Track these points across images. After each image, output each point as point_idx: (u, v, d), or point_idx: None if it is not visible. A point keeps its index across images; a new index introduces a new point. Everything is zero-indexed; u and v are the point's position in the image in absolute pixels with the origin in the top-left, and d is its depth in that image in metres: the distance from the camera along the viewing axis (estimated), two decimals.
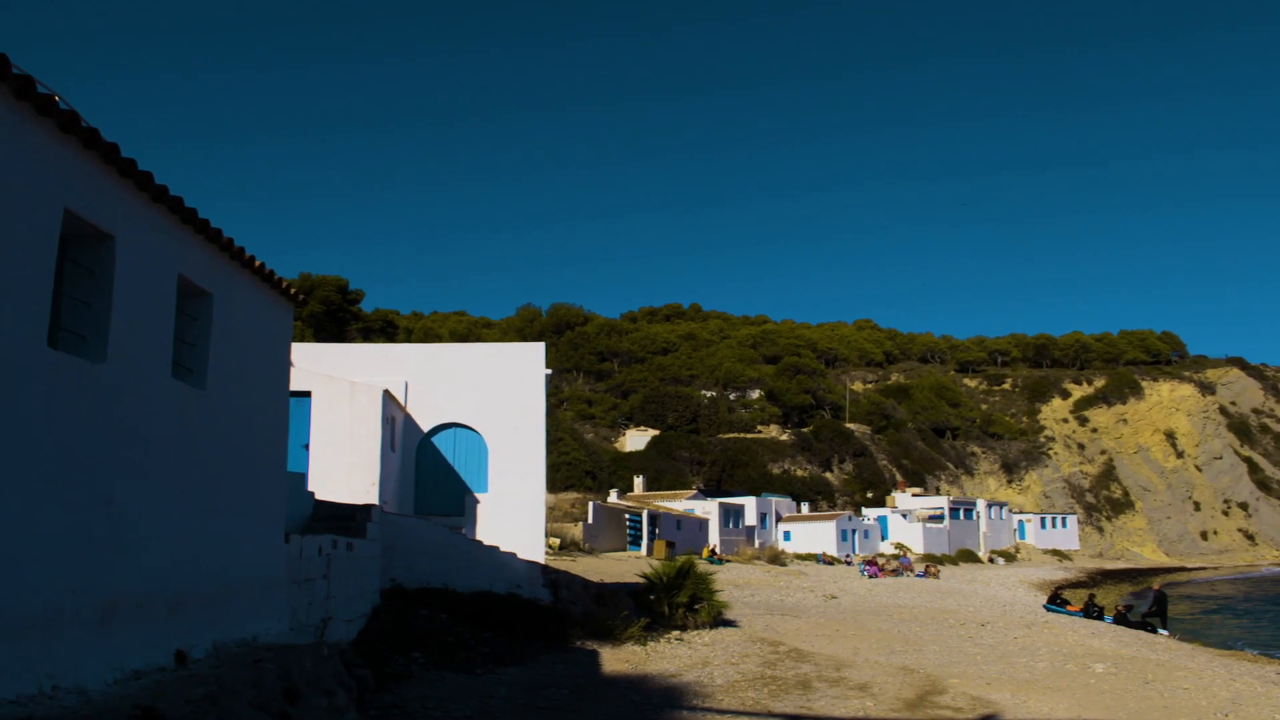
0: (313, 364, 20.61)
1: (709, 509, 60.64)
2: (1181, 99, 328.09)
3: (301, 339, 59.24)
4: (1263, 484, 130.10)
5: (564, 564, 32.64)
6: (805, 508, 76.60)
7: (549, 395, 25.44)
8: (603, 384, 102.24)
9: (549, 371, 22.64)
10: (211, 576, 8.92)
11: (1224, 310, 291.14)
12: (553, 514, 48.87)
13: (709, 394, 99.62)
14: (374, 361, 21.94)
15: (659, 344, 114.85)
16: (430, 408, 21.69)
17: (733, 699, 13.23)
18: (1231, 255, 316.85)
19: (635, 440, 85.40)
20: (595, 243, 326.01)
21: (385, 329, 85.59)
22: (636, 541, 51.79)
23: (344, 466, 18.57)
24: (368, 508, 15.46)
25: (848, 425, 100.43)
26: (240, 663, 8.24)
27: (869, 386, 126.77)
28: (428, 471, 21.54)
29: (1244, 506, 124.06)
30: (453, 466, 21.57)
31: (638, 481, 69.35)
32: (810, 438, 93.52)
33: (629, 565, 36.28)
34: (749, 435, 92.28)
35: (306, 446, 18.59)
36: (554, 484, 61.80)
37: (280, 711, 7.87)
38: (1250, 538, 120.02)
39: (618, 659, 15.90)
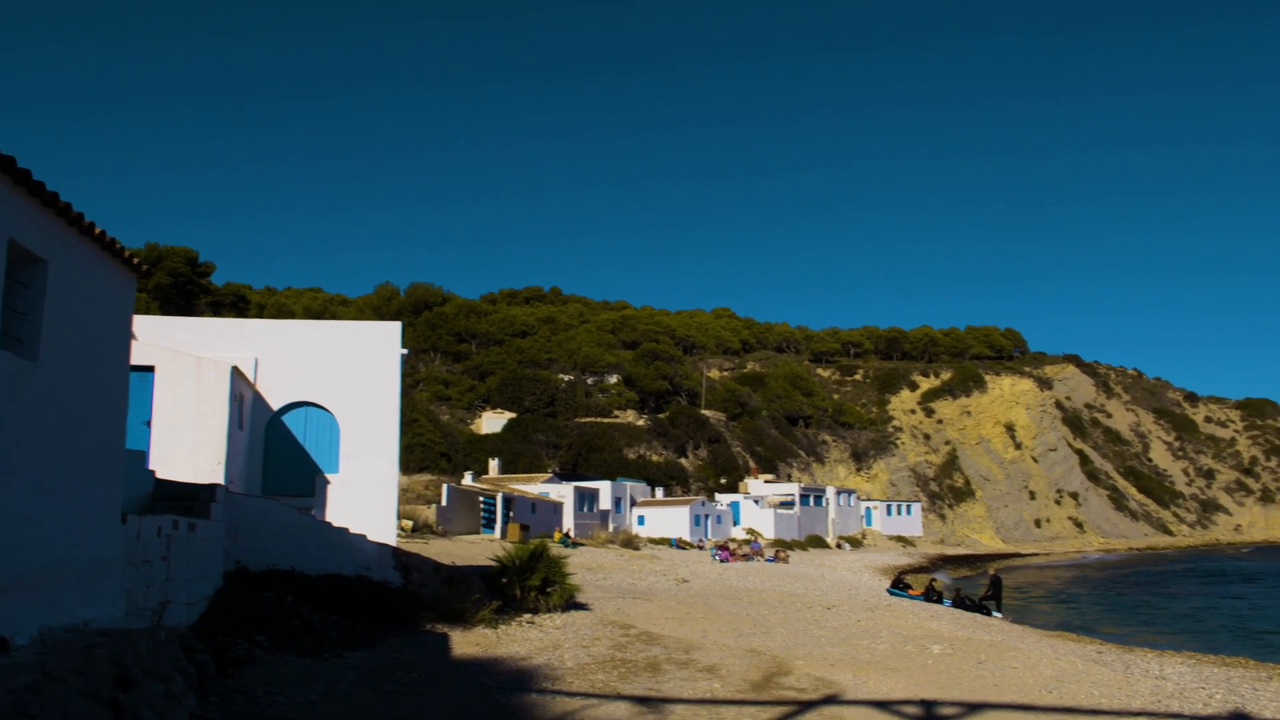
0: (157, 337, 19.81)
1: (564, 493, 60.71)
2: (1024, 99, 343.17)
3: (146, 312, 56.79)
4: (1092, 475, 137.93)
5: (416, 547, 32.27)
6: (660, 493, 77.46)
7: (405, 375, 25.08)
8: (460, 365, 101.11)
9: (405, 351, 22.31)
10: (39, 559, 8.54)
11: (1062, 310, 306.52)
12: (406, 496, 48.19)
13: (567, 378, 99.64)
14: (223, 336, 21.23)
15: (518, 326, 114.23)
16: (281, 386, 21.11)
17: (582, 681, 13.36)
18: (1071, 258, 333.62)
19: (492, 423, 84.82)
20: (457, 223, 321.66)
21: (236, 304, 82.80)
22: (491, 524, 51.51)
23: (188, 445, 17.94)
24: (212, 487, 15.00)
25: (704, 412, 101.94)
26: (69, 649, 7.92)
27: (725, 374, 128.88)
28: (277, 451, 20.98)
29: (1075, 496, 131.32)
30: (303, 446, 21.07)
31: (493, 464, 68.93)
32: (666, 424, 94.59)
33: (482, 548, 36.09)
34: (606, 420, 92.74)
35: (148, 423, 17.89)
36: (408, 465, 60.91)
37: (112, 700, 7.61)
38: (1079, 525, 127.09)
39: (468, 642, 15.86)
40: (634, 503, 71.54)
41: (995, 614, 34.54)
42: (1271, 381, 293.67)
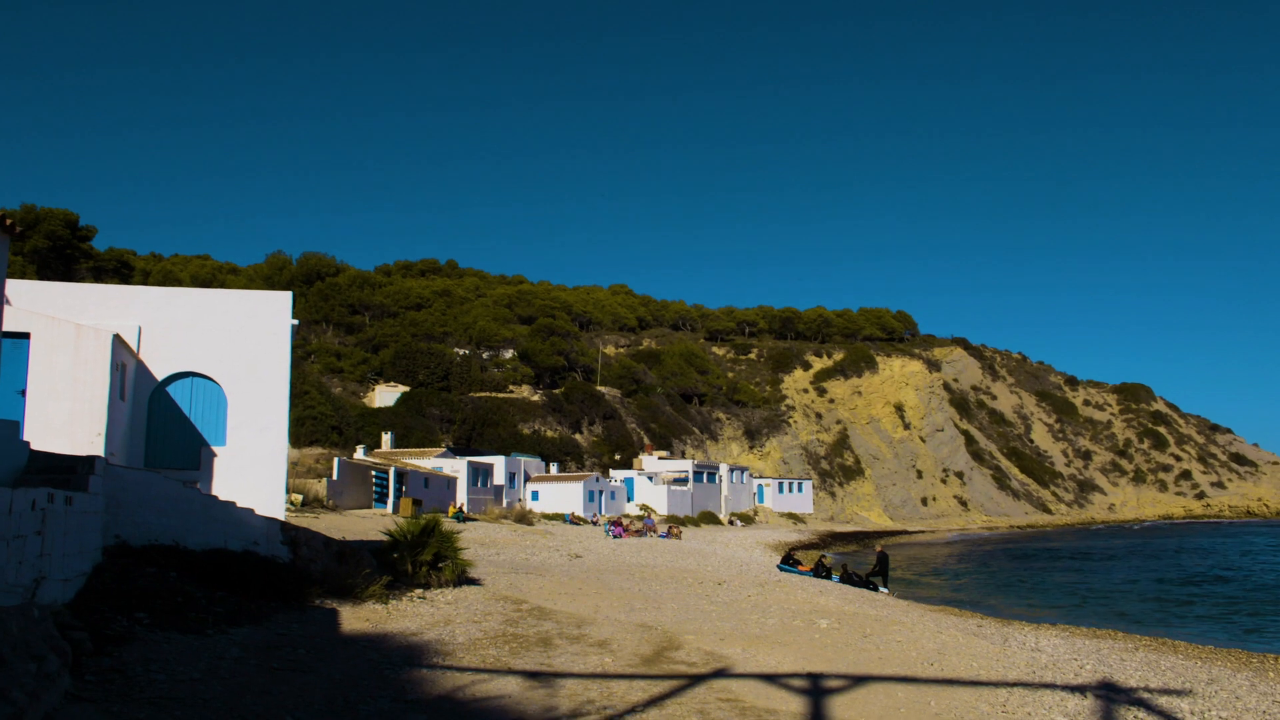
0: (34, 303, 19.05)
1: (458, 467, 60.32)
2: (913, 80, 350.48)
3: (22, 276, 54.48)
4: (977, 455, 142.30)
5: (306, 521, 31.74)
6: (554, 468, 77.48)
7: (296, 347, 24.59)
8: (353, 337, 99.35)
9: (296, 322, 21.85)
10: None
11: (952, 292, 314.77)
12: (295, 470, 47.31)
13: (462, 352, 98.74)
14: (104, 303, 20.49)
15: (413, 299, 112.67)
16: (165, 355, 20.50)
17: (474, 656, 13.37)
18: (961, 243, 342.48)
19: (385, 396, 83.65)
20: (352, 193, 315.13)
21: (119, 270, 79.83)
22: (383, 499, 50.91)
23: (65, 415, 17.32)
24: (91, 459, 14.53)
25: (599, 388, 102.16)
26: None
27: (621, 351, 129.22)
28: (161, 423, 20.39)
29: (960, 475, 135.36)
30: (188, 418, 20.52)
31: (386, 438, 68.05)
32: (561, 399, 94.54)
33: (374, 523, 35.68)
34: (500, 395, 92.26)
35: (23, 393, 17.22)
36: (298, 439, 59.76)
37: None
38: (964, 504, 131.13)
39: (358, 618, 15.71)
40: (528, 478, 71.43)
41: (882, 590, 35.50)
42: (1147, 367, 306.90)
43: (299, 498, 41.41)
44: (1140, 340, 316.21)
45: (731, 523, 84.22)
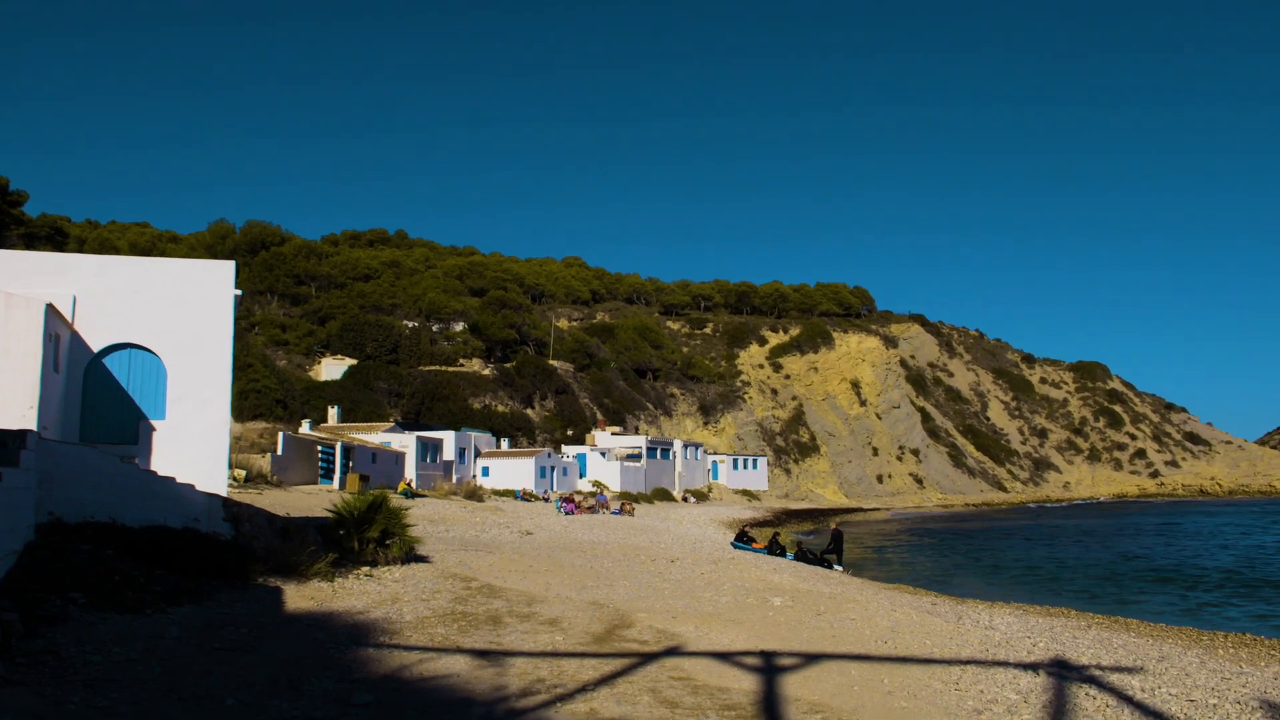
0: None
1: (406, 442, 60.05)
2: (872, 55, 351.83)
3: None
4: (933, 432, 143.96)
5: (249, 498, 31.44)
6: (505, 444, 77.36)
7: (239, 318, 24.25)
8: (299, 309, 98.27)
9: (239, 293, 21.54)
10: None
11: (910, 268, 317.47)
12: (238, 445, 46.84)
13: (411, 324, 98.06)
14: (37, 271, 20.03)
15: (361, 270, 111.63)
16: (102, 326, 20.11)
17: (421, 635, 13.35)
18: (919, 219, 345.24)
19: (331, 369, 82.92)
20: (298, 161, 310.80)
21: (53, 237, 78.14)
22: (329, 475, 50.58)
23: None
24: (22, 433, 14.26)
25: (551, 362, 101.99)
26: None
27: (574, 324, 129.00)
28: (97, 396, 20.03)
29: (915, 453, 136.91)
30: (126, 391, 20.18)
31: (332, 412, 67.51)
32: (513, 373, 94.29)
33: (319, 499, 35.43)
34: (451, 368, 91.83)
35: None
36: (241, 412, 59.12)
37: None
38: (919, 481, 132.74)
39: (302, 596, 15.62)
40: (478, 454, 71.27)
41: (836, 567, 35.90)
42: (1103, 345, 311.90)
43: (242, 473, 41.01)
44: (1097, 319, 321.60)
45: (685, 499, 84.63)
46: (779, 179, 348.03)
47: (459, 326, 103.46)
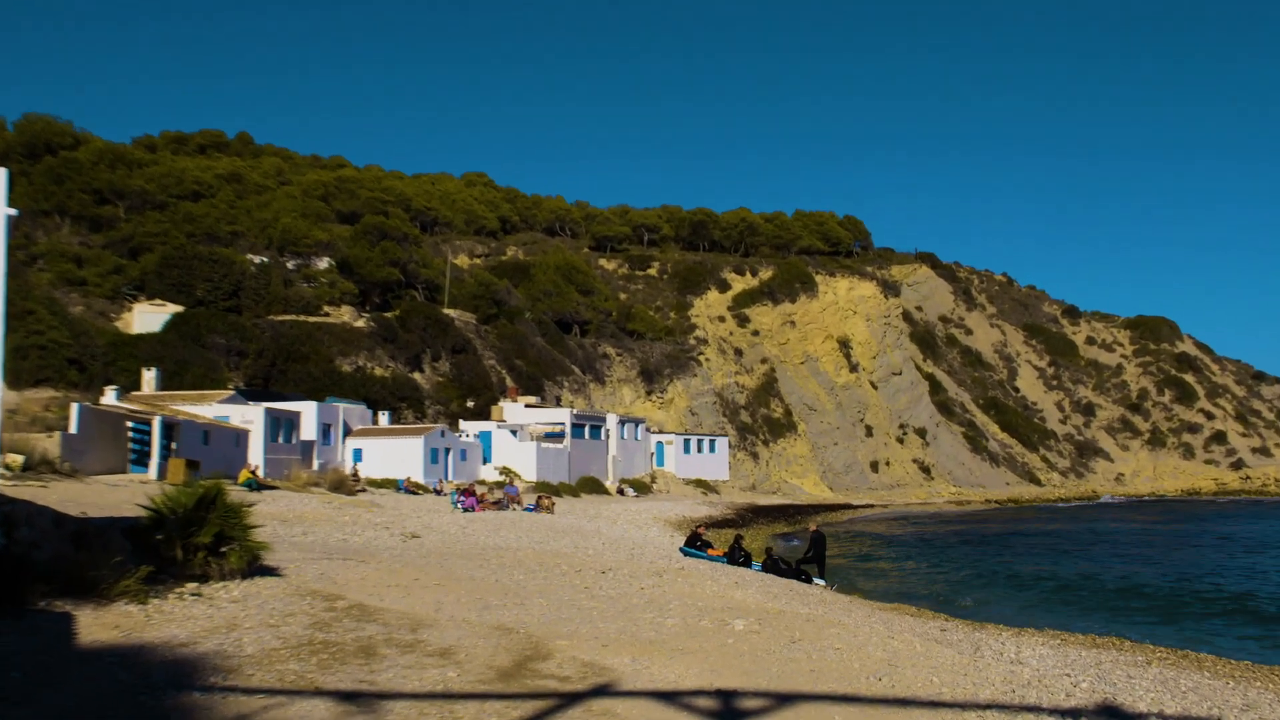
0: None
1: (251, 417, 59.49)
2: None
3: None
4: (944, 407, 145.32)
5: (29, 492, 30.87)
6: (385, 419, 76.94)
7: (14, 247, 23.65)
8: (101, 236, 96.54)
9: (14, 212, 20.93)
10: None
11: (917, 193, 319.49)
12: (14, 421, 46.00)
13: (258, 260, 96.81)
14: None
15: (188, 185, 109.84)
16: None
17: (268, 673, 13.16)
18: (927, 130, 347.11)
19: (147, 319, 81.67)
20: (97, 42, 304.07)
21: None
22: (144, 461, 49.94)
23: None
24: None
25: (447, 311, 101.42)
26: None
27: (477, 262, 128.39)
28: None
29: (922, 433, 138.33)
30: None
31: (148, 376, 66.52)
32: (395, 326, 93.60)
33: (130, 493, 34.92)
34: (312, 319, 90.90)
35: None
36: (17, 377, 58.02)
37: None
38: (926, 471, 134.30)
39: (103, 624, 15.33)
40: (349, 432, 70.81)
41: (817, 581, 36.16)
42: (1169, 296, 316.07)
43: (19, 459, 40.31)
44: (1163, 262, 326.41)
45: (621, 492, 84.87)
46: (745, 76, 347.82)
47: (323, 263, 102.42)
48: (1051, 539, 68.86)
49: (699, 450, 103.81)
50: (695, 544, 40.96)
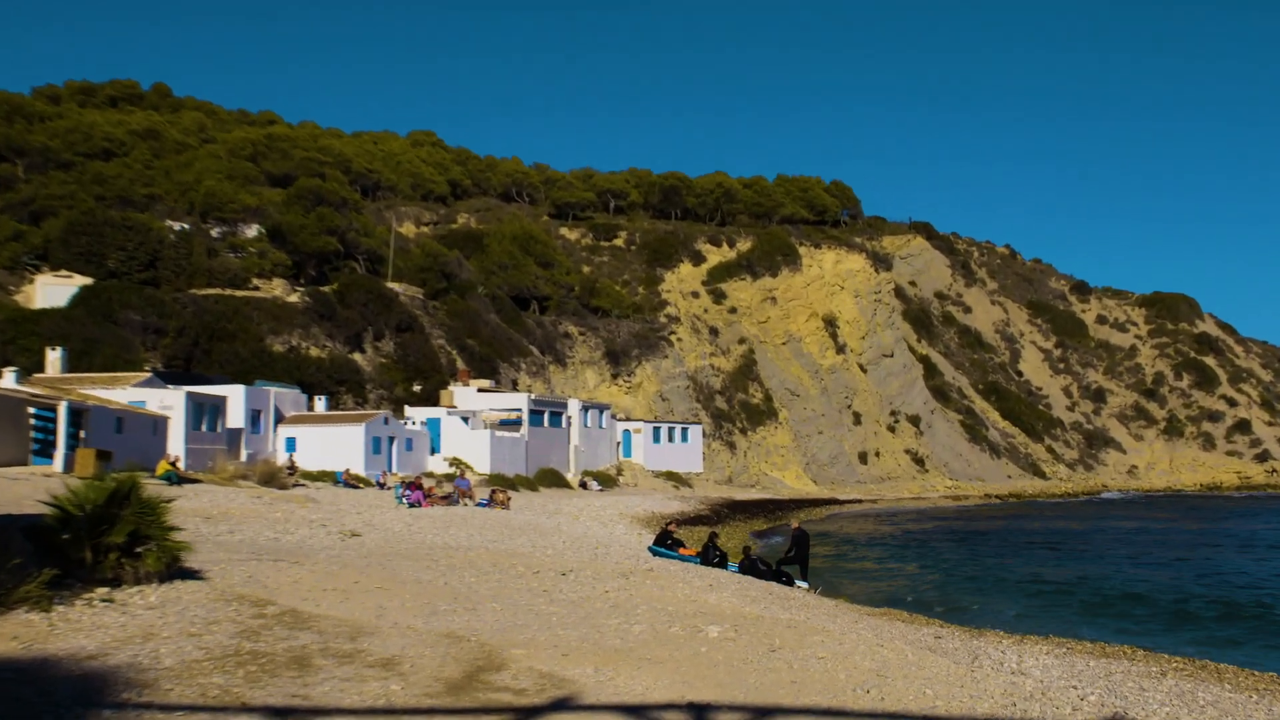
0: None
1: (171, 402, 59.25)
2: None
3: None
4: (940, 392, 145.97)
5: None
6: (322, 404, 76.72)
7: None
8: None
9: None
10: None
11: (911, 161, 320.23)
12: None
13: (178, 226, 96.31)
14: None
15: (98, 142, 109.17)
16: None
17: (189, 688, 13.09)
18: (922, 91, 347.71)
19: (52, 292, 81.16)
20: None
21: None
22: (48, 451, 49.68)
23: None
24: None
25: (390, 285, 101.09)
26: None
27: (424, 230, 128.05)
28: None
29: (915, 421, 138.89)
30: None
31: (53, 357, 66.14)
32: (333, 301, 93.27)
33: (32, 487, 34.74)
34: (239, 293, 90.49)
35: None
36: None
37: None
38: (920, 462, 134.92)
39: (1, 635, 15.25)
40: (281, 419, 70.59)
41: (799, 583, 36.28)
42: (1188, 271, 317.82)
43: None
44: (1183, 234, 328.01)
45: (584, 485, 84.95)
46: (723, 27, 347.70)
47: (252, 231, 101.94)
48: (1058, 538, 69.26)
49: (670, 440, 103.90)
50: (665, 543, 41.01)
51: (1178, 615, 35.91)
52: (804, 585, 36.21)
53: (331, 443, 68.93)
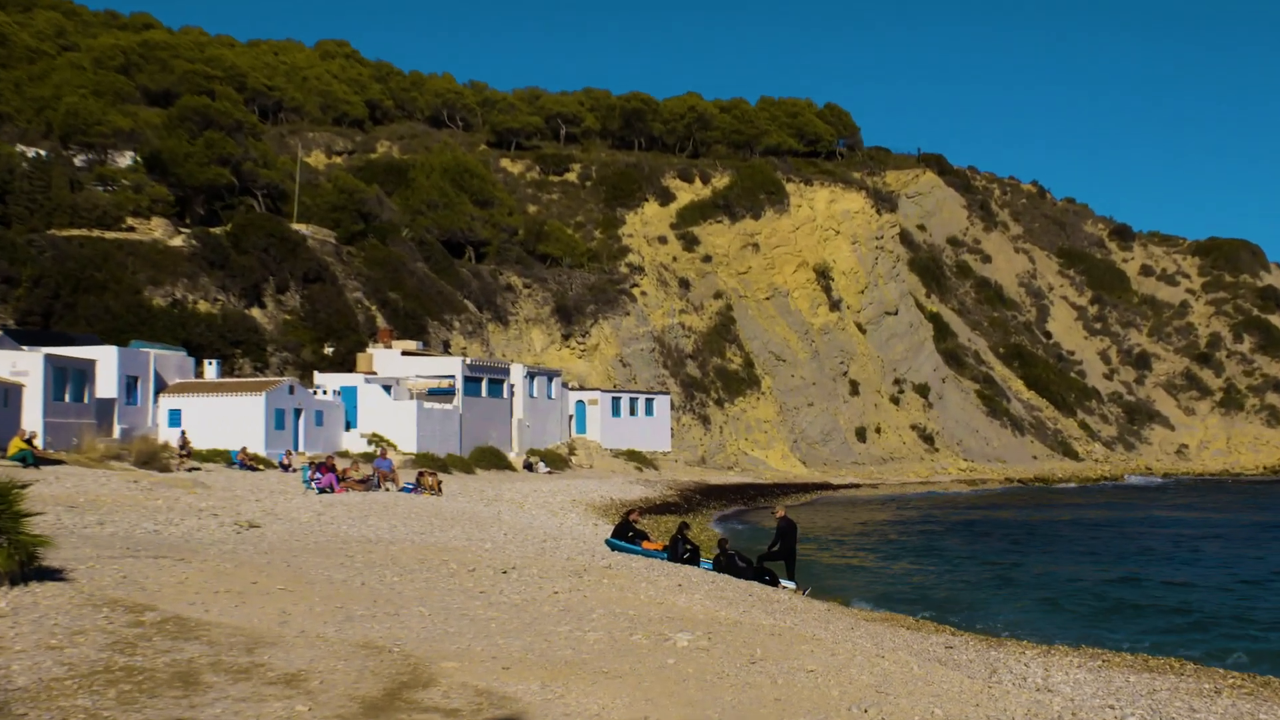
0: None
1: (25, 366, 58.93)
2: None
3: None
4: (954, 357, 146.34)
5: None
6: (213, 370, 76.34)
7: None
8: None
9: None
10: None
11: (919, 82, 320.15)
12: None
13: (32, 153, 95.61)
14: None
15: None
16: None
17: (48, 713, 12.99)
18: (927, 2, 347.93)
19: None
20: None
21: None
22: None
23: None
24: None
25: (296, 227, 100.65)
26: None
27: (337, 161, 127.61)
28: None
29: (924, 391, 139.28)
30: None
31: None
32: (226, 246, 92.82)
33: None
34: (110, 234, 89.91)
35: None
36: None
37: None
38: (929, 440, 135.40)
39: None
40: (163, 387, 70.31)
41: (785, 583, 36.40)
42: (1249, 215, 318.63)
43: None
44: (1242, 171, 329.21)
45: (530, 467, 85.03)
46: None
47: (125, 159, 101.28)
48: (1092, 528, 69.63)
49: (632, 413, 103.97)
50: (626, 535, 41.09)
51: (1238, 621, 36.10)
52: (791, 585, 36.32)
53: (225, 416, 68.65)
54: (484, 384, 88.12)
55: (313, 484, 52.37)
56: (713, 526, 60.14)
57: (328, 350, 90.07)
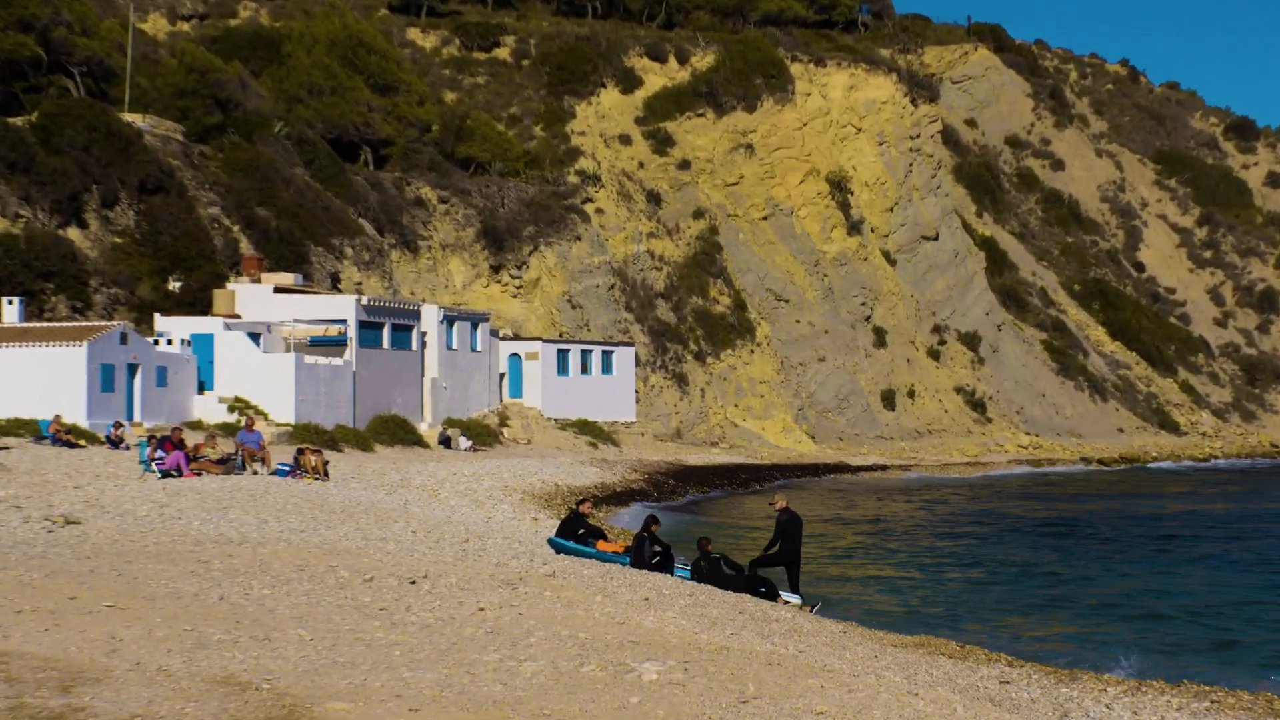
0: None
1: None
2: None
3: None
4: (1013, 296, 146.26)
5: None
6: (14, 311, 75.90)
7: None
8: None
9: None
10: None
11: None
12: None
13: None
14: None
15: None
16: None
17: None
18: None
19: None
20: None
21: None
22: None
23: None
24: None
25: (128, 118, 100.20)
26: None
27: (185, 29, 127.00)
28: None
29: (973, 342, 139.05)
30: None
31: None
32: (32, 142, 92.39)
33: None
34: None
35: None
36: None
37: None
38: (980, 408, 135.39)
39: None
40: None
41: (786, 596, 36.46)
42: None
43: None
44: None
45: (447, 442, 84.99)
46: None
47: None
48: (1199, 525, 69.85)
49: (584, 370, 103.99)
50: (576, 533, 41.12)
51: None
52: (794, 599, 36.37)
53: (30, 373, 68.24)
54: (386, 331, 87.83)
55: (153, 465, 52.24)
56: (684, 521, 60.15)
57: (173, 285, 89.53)
